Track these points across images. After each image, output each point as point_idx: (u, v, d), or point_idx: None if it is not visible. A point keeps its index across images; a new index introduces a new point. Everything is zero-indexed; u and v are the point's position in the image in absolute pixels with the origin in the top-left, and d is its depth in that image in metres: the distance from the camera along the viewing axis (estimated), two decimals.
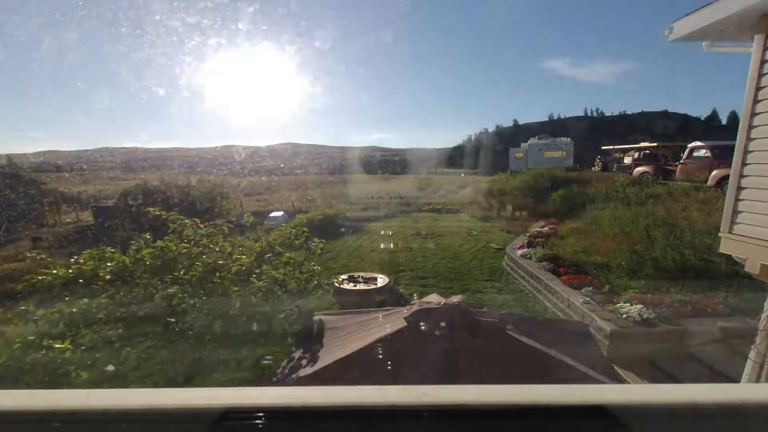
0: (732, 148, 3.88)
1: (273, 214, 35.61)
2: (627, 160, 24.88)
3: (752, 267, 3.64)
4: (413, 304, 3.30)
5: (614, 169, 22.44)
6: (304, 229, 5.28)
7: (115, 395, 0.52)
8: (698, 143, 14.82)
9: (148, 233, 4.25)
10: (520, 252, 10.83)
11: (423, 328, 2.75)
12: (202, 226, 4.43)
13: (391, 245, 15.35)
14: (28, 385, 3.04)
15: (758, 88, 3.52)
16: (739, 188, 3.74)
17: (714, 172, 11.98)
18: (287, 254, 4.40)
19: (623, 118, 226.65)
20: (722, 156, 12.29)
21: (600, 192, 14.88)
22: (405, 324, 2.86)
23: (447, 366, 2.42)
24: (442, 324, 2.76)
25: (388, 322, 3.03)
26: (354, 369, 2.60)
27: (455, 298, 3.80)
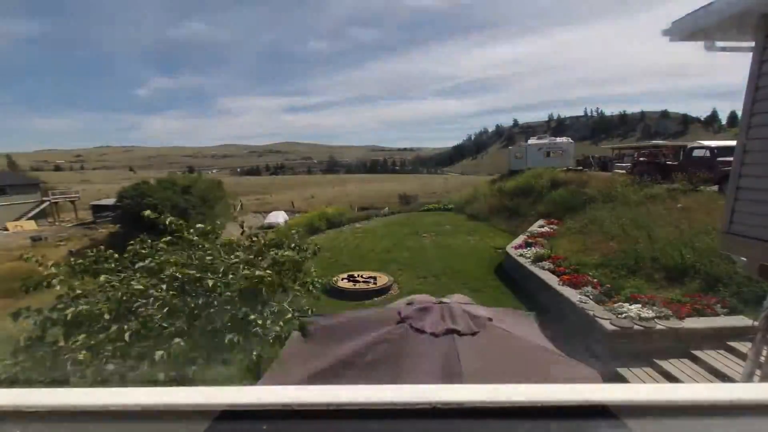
0: (731, 148, 3.88)
1: (272, 213, 35.72)
2: (626, 160, 24.91)
3: (751, 266, 3.64)
4: (409, 303, 3.29)
5: (613, 170, 22.45)
6: (300, 229, 5.28)
7: (115, 394, 0.52)
8: (697, 143, 14.82)
9: (145, 233, 4.25)
10: (519, 251, 10.83)
11: (417, 326, 2.75)
12: (199, 225, 4.42)
13: (391, 244, 15.35)
14: (30, 384, 3.04)
15: (757, 89, 3.53)
16: (738, 188, 3.74)
17: (713, 173, 11.99)
18: (285, 254, 4.39)
19: (623, 118, 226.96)
20: (721, 156, 12.31)
21: (599, 192, 14.89)
22: (399, 323, 2.86)
23: (442, 365, 2.41)
24: (436, 323, 2.76)
25: (383, 321, 3.03)
26: (348, 369, 2.59)
27: (455, 297, 3.81)
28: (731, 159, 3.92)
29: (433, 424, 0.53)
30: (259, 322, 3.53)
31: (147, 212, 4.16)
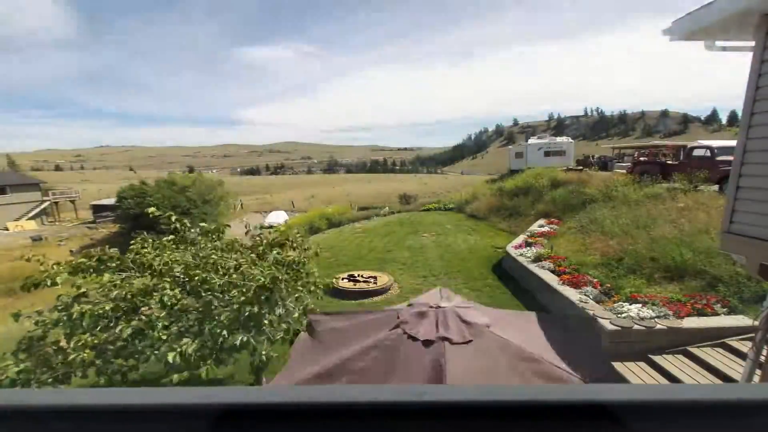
0: (731, 148, 3.88)
1: (272, 213, 35.73)
2: (626, 160, 24.88)
3: (751, 266, 3.64)
4: (410, 305, 3.29)
5: (613, 169, 22.44)
6: (297, 230, 5.27)
7: (115, 393, 0.52)
8: (698, 143, 14.81)
9: (146, 232, 4.25)
10: (519, 251, 10.83)
11: (411, 333, 2.75)
12: (203, 225, 4.42)
13: (391, 243, 15.35)
14: (30, 384, 3.04)
15: (757, 88, 3.52)
16: (738, 187, 3.74)
17: (713, 172, 11.99)
18: (285, 253, 4.39)
19: (623, 117, 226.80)
20: (722, 156, 12.30)
21: (599, 192, 14.88)
22: (398, 326, 2.86)
23: (427, 376, 2.41)
24: (430, 330, 2.76)
25: (382, 324, 3.03)
26: (348, 371, 2.60)
27: (455, 299, 3.82)
28: (731, 158, 3.92)
29: (433, 424, 0.53)
30: (266, 321, 3.53)
31: (152, 209, 4.17)
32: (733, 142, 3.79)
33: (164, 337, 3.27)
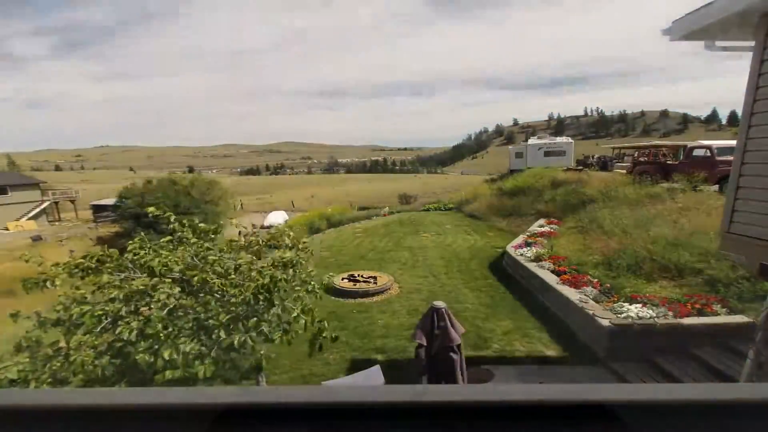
0: (731, 148, 3.88)
1: (272, 213, 35.76)
2: (626, 160, 24.89)
3: (751, 266, 3.64)
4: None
5: (613, 169, 22.44)
6: (291, 232, 5.24)
7: (115, 394, 0.53)
8: (698, 143, 14.82)
9: (144, 232, 4.25)
10: (519, 251, 10.82)
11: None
12: (199, 227, 4.42)
13: (391, 243, 15.35)
14: (30, 384, 3.03)
15: (757, 88, 3.53)
16: (738, 187, 3.74)
17: (713, 173, 12.00)
18: (282, 253, 4.38)
19: (623, 117, 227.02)
20: (721, 156, 12.31)
21: (599, 192, 14.87)
22: None
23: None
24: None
25: None
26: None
27: (437, 304, 3.85)
28: (731, 158, 3.92)
29: (433, 424, 0.53)
30: (264, 322, 3.53)
31: (151, 209, 4.18)
32: (733, 142, 3.79)
33: (163, 338, 3.27)
